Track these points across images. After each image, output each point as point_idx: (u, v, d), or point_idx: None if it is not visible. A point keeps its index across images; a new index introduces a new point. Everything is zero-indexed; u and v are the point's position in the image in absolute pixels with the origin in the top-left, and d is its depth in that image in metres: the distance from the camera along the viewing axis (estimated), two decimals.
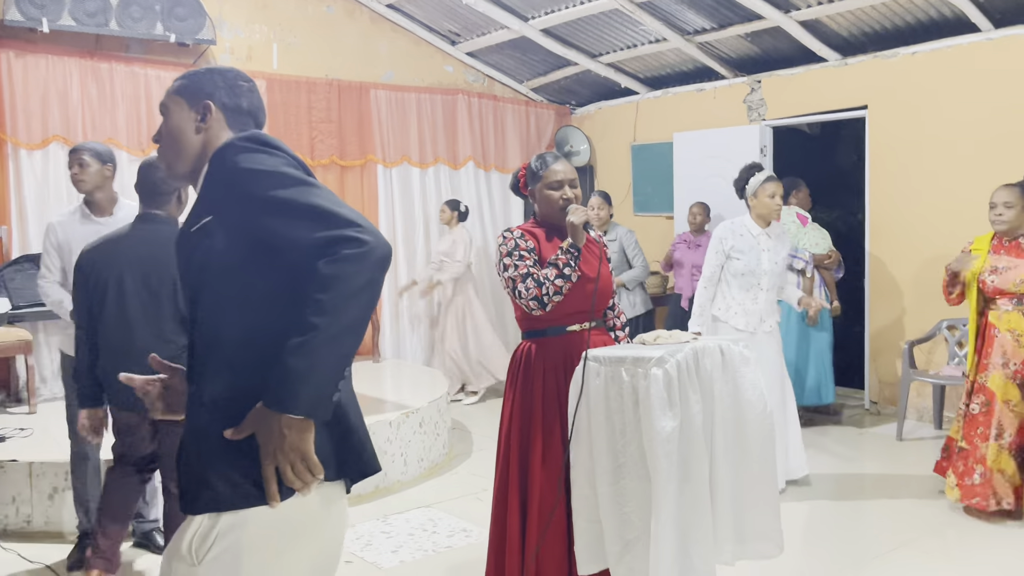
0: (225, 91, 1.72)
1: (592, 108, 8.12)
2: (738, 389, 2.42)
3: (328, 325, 1.39)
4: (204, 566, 1.49)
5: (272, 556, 1.50)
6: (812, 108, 6.39)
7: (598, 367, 2.42)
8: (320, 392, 1.44)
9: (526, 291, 2.63)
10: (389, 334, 7.14)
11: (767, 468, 2.46)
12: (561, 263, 2.62)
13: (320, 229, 1.43)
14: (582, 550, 2.48)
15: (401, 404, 5.08)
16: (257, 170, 1.52)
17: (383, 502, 4.47)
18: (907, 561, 3.58)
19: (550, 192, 2.75)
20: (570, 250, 2.63)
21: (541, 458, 2.66)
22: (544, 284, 2.61)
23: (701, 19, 6.28)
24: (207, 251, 1.56)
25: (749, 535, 2.45)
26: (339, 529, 1.64)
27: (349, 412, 1.62)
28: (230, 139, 1.62)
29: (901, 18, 5.69)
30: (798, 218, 5.77)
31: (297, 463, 1.44)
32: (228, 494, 1.48)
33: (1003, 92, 5.30)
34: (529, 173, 2.83)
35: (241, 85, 1.75)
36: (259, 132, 1.64)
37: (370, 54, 7.21)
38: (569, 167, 2.79)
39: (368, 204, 7.08)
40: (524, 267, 2.66)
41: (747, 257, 4.31)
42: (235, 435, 1.47)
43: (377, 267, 1.44)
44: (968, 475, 3.97)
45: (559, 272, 2.61)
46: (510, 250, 2.71)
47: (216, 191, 1.60)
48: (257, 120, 1.77)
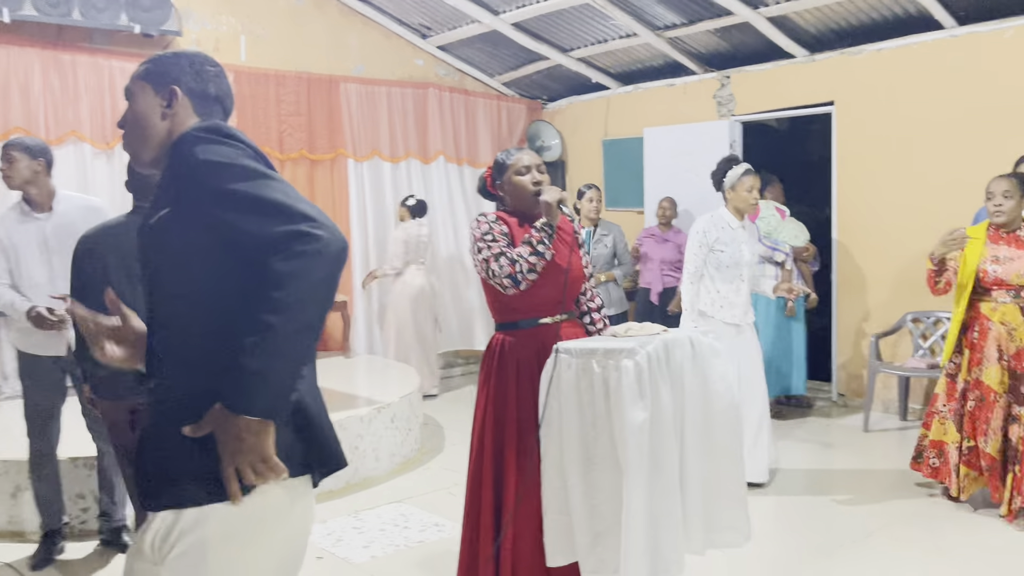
0: (192, 76, 1.68)
1: (563, 103, 8.13)
2: (707, 380, 2.44)
3: (284, 324, 1.36)
4: (167, 564, 1.46)
5: (236, 552, 1.47)
6: (780, 104, 6.45)
7: (569, 359, 2.42)
8: (278, 393, 1.42)
9: (499, 269, 2.61)
10: (361, 329, 7.10)
11: (734, 458, 2.49)
12: (535, 240, 2.61)
13: (275, 224, 1.40)
14: (551, 542, 2.48)
15: (372, 399, 5.05)
16: (215, 162, 1.48)
17: (354, 497, 4.45)
18: (876, 549, 3.63)
19: (519, 178, 2.74)
20: (544, 228, 2.62)
21: (515, 451, 2.65)
22: (517, 262, 2.60)
23: (671, 14, 6.31)
24: (165, 244, 1.53)
25: (717, 525, 2.47)
26: (305, 524, 1.62)
27: (312, 407, 1.59)
28: (188, 129, 1.58)
29: (867, 15, 5.76)
30: (777, 211, 5.85)
31: (257, 464, 1.42)
32: (189, 491, 1.45)
33: (967, 89, 5.38)
34: (495, 167, 2.83)
35: (208, 70, 1.71)
36: (219, 123, 1.60)
37: (340, 47, 7.15)
38: (534, 154, 2.80)
39: (338, 198, 7.03)
40: (497, 247, 2.65)
41: (730, 249, 4.30)
42: (193, 433, 1.44)
43: (332, 263, 1.41)
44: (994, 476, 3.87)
45: (533, 249, 2.60)
46: (483, 233, 2.70)
47: (174, 183, 1.55)
48: (225, 106, 1.73)
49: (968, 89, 5.38)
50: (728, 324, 4.28)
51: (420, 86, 7.46)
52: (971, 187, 5.17)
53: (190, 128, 1.58)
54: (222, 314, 1.48)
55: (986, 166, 4.72)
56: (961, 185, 5.19)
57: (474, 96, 7.83)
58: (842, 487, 4.48)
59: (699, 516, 2.43)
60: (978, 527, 3.83)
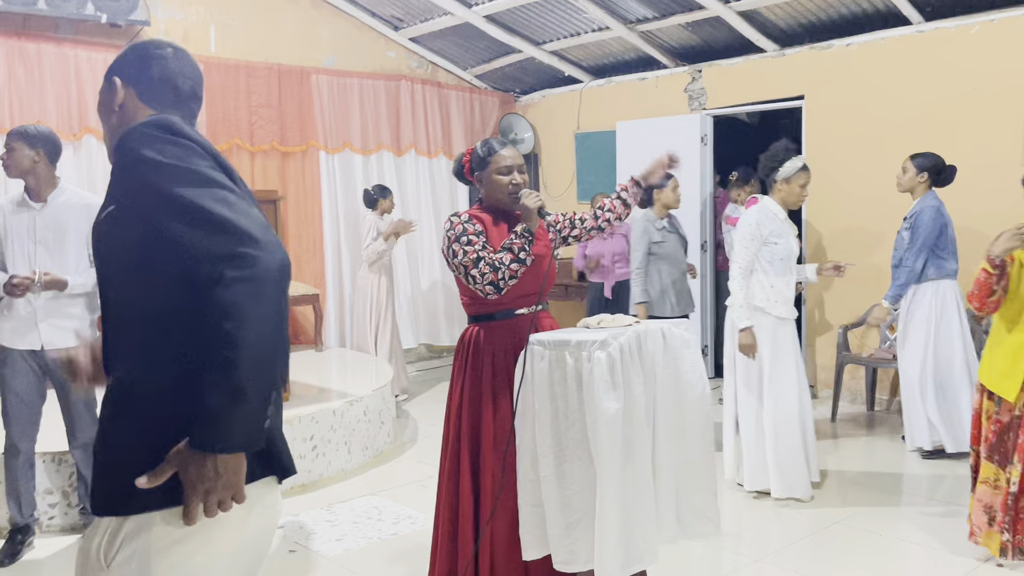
0: (134, 64, 1.63)
1: (536, 96, 8.14)
2: (679, 371, 2.47)
3: (242, 357, 1.32)
4: (113, 570, 1.43)
5: (183, 558, 1.44)
6: (751, 98, 6.50)
7: (543, 351, 2.43)
8: (252, 423, 1.37)
9: (480, 276, 2.61)
10: (333, 323, 7.07)
11: (705, 448, 2.52)
12: (516, 247, 2.62)
13: (214, 242, 1.35)
14: (527, 534, 2.50)
15: (345, 392, 5.04)
16: (160, 162, 1.42)
17: (327, 491, 4.43)
18: (844, 538, 3.70)
19: (499, 177, 2.74)
20: (524, 234, 2.64)
21: (492, 442, 2.66)
22: (500, 269, 2.60)
23: (643, 8, 6.33)
24: (111, 241, 1.49)
25: (688, 515, 2.50)
26: (263, 527, 1.57)
27: (273, 414, 1.56)
28: (136, 124, 1.51)
29: (836, 10, 5.83)
30: None
31: (227, 500, 1.38)
32: (134, 497, 1.40)
33: (933, 83, 5.47)
34: (475, 158, 2.81)
35: (153, 53, 1.64)
36: (169, 119, 1.52)
37: (311, 38, 7.09)
38: (516, 153, 2.79)
39: (310, 191, 6.98)
40: (474, 251, 2.65)
41: (783, 241, 4.05)
42: (151, 481, 1.37)
43: (273, 284, 1.36)
44: None
45: (514, 256, 2.61)
46: (458, 235, 2.69)
47: (119, 180, 1.50)
48: (178, 89, 1.65)
49: (935, 84, 5.46)
50: (782, 319, 4.04)
51: (392, 78, 7.43)
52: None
53: (138, 123, 1.52)
54: (169, 316, 1.43)
55: (953, 159, 4.80)
56: None
57: (447, 89, 7.81)
58: None
59: (672, 506, 2.46)
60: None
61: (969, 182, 5.21)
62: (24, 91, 5.59)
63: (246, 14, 6.71)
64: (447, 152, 7.78)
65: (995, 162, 5.20)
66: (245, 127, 6.59)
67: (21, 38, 5.58)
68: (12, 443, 3.54)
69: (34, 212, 3.50)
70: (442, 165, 7.76)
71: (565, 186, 7.87)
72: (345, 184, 7.15)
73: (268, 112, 6.69)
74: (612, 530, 2.28)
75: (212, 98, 6.37)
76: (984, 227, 5.21)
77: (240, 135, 6.54)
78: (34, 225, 3.49)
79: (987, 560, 3.29)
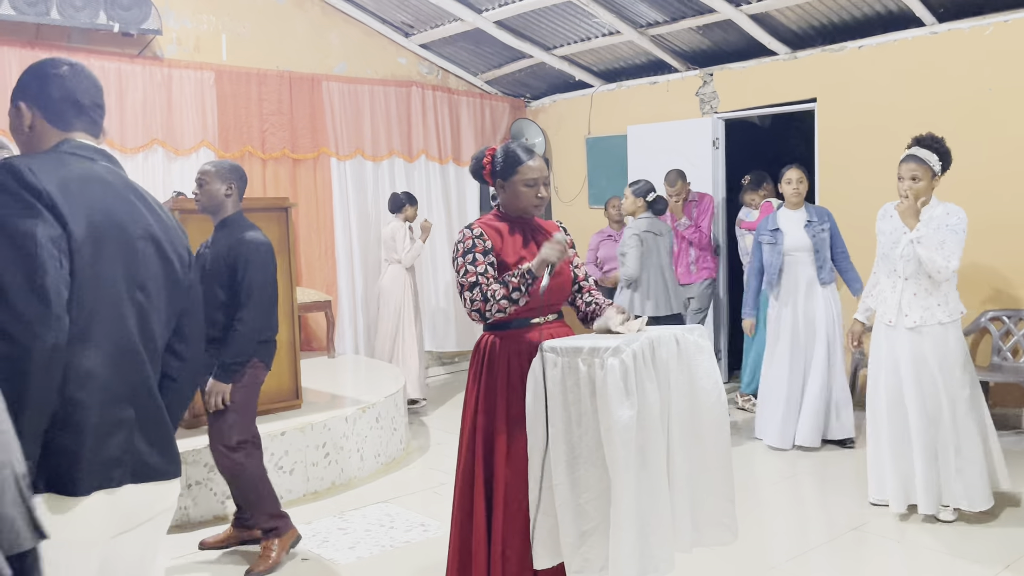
0: (34, 86, 1.66)
1: (547, 101, 8.13)
2: (693, 378, 2.44)
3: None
4: None
5: None
6: (763, 101, 6.47)
7: (555, 358, 2.41)
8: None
9: (470, 301, 2.61)
10: (346, 330, 7.07)
11: (722, 455, 2.49)
12: (511, 286, 2.58)
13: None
14: (539, 543, 2.48)
15: (357, 399, 5.03)
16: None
17: (340, 498, 4.43)
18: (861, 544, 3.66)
19: (526, 190, 2.71)
20: (526, 276, 2.58)
21: (506, 450, 2.64)
22: (489, 301, 2.58)
23: (654, 12, 6.31)
24: None
25: (704, 522, 2.47)
26: (65, 546, 1.55)
27: (85, 423, 1.58)
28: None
29: (848, 12, 5.80)
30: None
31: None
32: None
33: (947, 84, 5.43)
34: (499, 163, 2.75)
35: (50, 73, 1.68)
36: (9, 162, 1.55)
37: (322, 45, 7.11)
38: (543, 164, 2.75)
39: (321, 198, 6.99)
40: (474, 273, 2.63)
41: (885, 238, 3.93)
42: None
43: (27, 370, 1.39)
44: None
45: (507, 293, 2.57)
46: (466, 250, 2.67)
47: None
48: (79, 104, 1.71)
49: (949, 85, 5.42)
50: (888, 326, 3.85)
51: (403, 84, 7.43)
52: (952, 182, 5.21)
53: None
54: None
55: (969, 160, 4.76)
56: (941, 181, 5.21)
57: (457, 94, 7.81)
58: (821, 481, 4.50)
59: (687, 514, 2.43)
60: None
61: (984, 183, 5.16)
62: None
63: (257, 22, 6.74)
64: (457, 158, 7.78)
65: (1010, 163, 5.15)
66: (257, 135, 6.60)
67: (34, 47, 5.62)
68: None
69: None
70: (452, 171, 7.76)
71: (576, 191, 7.85)
72: (357, 191, 7.16)
73: (279, 119, 6.71)
74: (627, 538, 2.25)
75: (224, 106, 6.39)
76: (998, 227, 5.17)
77: (252, 143, 6.56)
78: None
79: None
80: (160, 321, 1.75)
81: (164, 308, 1.76)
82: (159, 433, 1.73)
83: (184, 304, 1.83)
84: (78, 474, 1.58)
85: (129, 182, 1.77)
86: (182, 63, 6.27)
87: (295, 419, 4.57)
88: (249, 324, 3.35)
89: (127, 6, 5.77)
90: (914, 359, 3.75)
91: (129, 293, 1.67)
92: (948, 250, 3.70)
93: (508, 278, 2.60)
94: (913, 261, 3.75)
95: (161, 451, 1.73)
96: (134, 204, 1.72)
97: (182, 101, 6.23)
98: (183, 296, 1.82)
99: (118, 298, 1.64)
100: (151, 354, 1.72)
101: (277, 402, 4.73)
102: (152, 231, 1.73)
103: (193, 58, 6.38)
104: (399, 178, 7.40)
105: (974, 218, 4.81)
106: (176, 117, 6.21)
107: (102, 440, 1.61)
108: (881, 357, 3.90)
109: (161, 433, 1.73)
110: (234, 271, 3.36)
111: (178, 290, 1.80)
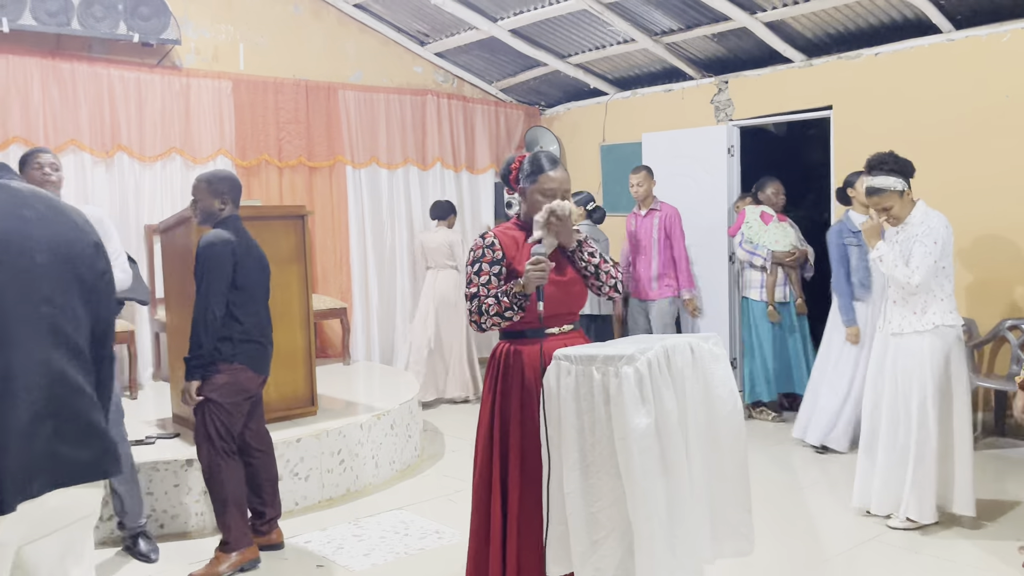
0: None
1: (561, 109, 8.14)
2: (709, 386, 2.44)
3: None
4: None
5: None
6: (778, 108, 6.46)
7: (569, 366, 2.41)
8: None
9: (468, 311, 2.70)
10: (360, 336, 7.10)
11: (739, 464, 2.48)
12: (504, 305, 2.62)
13: None
14: (552, 551, 2.47)
15: (372, 406, 5.05)
16: None
17: (355, 505, 4.44)
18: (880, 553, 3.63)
19: (543, 199, 2.72)
20: (517, 297, 2.61)
21: (520, 458, 2.65)
22: (483, 315, 2.65)
23: (669, 20, 6.32)
24: None
25: (723, 533, 2.46)
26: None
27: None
28: None
29: (864, 20, 5.78)
30: (761, 217, 5.88)
31: None
32: None
33: (965, 92, 5.39)
34: (524, 170, 2.79)
35: None
36: None
37: (338, 54, 7.16)
38: (565, 176, 2.76)
39: (337, 205, 7.03)
40: (476, 284, 2.69)
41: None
42: None
43: None
44: None
45: (500, 311, 2.62)
46: (474, 260, 2.73)
47: None
48: None
49: (966, 93, 5.39)
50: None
51: (418, 93, 7.47)
52: (970, 191, 5.18)
53: None
54: None
55: (985, 170, 4.73)
56: (959, 189, 5.19)
57: (472, 102, 7.84)
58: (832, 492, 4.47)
59: (707, 524, 2.42)
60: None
61: (1001, 191, 5.13)
62: (58, 110, 5.70)
63: (274, 32, 6.80)
64: (471, 166, 7.81)
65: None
66: (273, 143, 6.66)
67: (55, 58, 5.69)
68: None
69: None
70: (466, 179, 7.79)
71: None
72: (372, 199, 7.20)
73: (296, 128, 6.76)
74: (658, 548, 2.23)
75: (241, 115, 6.45)
76: (1016, 235, 5.13)
77: (268, 151, 6.61)
78: None
79: None
80: (78, 327, 1.79)
81: (81, 314, 1.80)
82: (83, 435, 1.76)
83: (98, 308, 1.86)
84: (3, 495, 1.62)
85: (23, 195, 1.80)
86: (200, 72, 6.34)
87: (311, 426, 4.59)
88: (194, 318, 3.46)
89: (147, 16, 5.84)
90: (893, 364, 3.86)
91: (35, 307, 1.71)
92: (913, 263, 3.72)
93: (500, 294, 2.63)
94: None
95: (86, 452, 1.76)
96: (25, 220, 1.75)
97: (200, 110, 6.29)
98: (97, 300, 1.85)
99: (23, 316, 1.68)
100: (73, 360, 1.75)
101: (293, 408, 4.76)
102: (53, 242, 1.77)
103: (211, 67, 6.45)
104: (414, 186, 7.43)
105: (992, 226, 4.80)
106: (194, 126, 6.27)
107: (20, 454, 1.64)
108: (876, 362, 4.01)
109: (86, 435, 1.76)
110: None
111: (93, 295, 1.84)
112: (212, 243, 3.49)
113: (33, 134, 5.57)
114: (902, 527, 3.83)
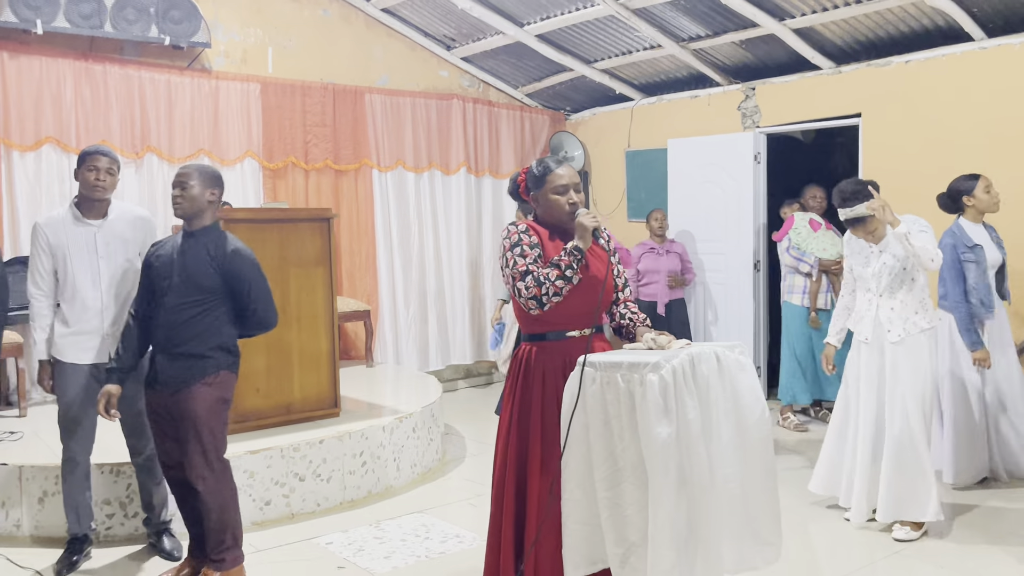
0: None
1: (587, 114, 8.13)
2: (736, 394, 2.42)
3: None
4: None
5: None
6: (806, 115, 6.41)
7: (594, 373, 2.41)
8: None
9: (525, 289, 2.60)
10: (389, 338, 7.12)
11: (767, 472, 2.46)
12: (563, 264, 2.59)
13: None
14: (570, 552, 2.46)
15: (395, 409, 5.06)
16: None
17: (376, 507, 4.45)
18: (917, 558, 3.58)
19: (556, 197, 2.73)
20: (574, 251, 2.60)
21: (540, 463, 2.64)
22: (544, 284, 2.58)
23: (696, 26, 6.30)
24: None
25: (749, 542, 2.43)
26: None
27: None
28: None
29: (895, 27, 5.72)
30: (810, 224, 5.87)
31: None
32: None
33: (995, 100, 5.32)
34: (531, 178, 2.80)
35: None
36: None
37: (365, 58, 7.20)
38: (572, 171, 2.77)
39: (363, 208, 7.07)
40: (524, 264, 2.64)
41: (855, 259, 4.09)
42: None
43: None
44: None
45: (560, 273, 2.59)
46: (513, 244, 2.69)
47: None
48: None
49: (997, 101, 5.32)
50: (862, 342, 3.97)
51: (444, 97, 7.50)
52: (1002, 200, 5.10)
53: None
54: None
55: (1015, 178, 4.66)
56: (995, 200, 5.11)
57: (497, 107, 7.86)
58: None
59: (733, 535, 2.40)
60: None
61: None
62: (90, 111, 5.78)
63: (302, 36, 6.85)
64: (496, 171, 7.81)
65: None
66: (300, 146, 6.71)
67: (88, 59, 5.77)
68: (71, 456, 3.62)
69: (93, 228, 3.61)
70: (489, 184, 7.79)
71: (615, 204, 7.84)
72: (398, 202, 7.23)
73: (323, 131, 6.81)
74: (666, 556, 2.23)
75: (269, 117, 6.51)
76: None
77: (295, 153, 6.66)
78: (94, 240, 3.61)
79: None
80: None
81: None
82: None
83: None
84: None
85: None
86: (229, 75, 6.40)
87: (333, 427, 4.61)
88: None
89: (178, 20, 5.91)
90: (893, 371, 3.85)
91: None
92: (929, 252, 3.78)
93: (556, 260, 2.61)
94: (886, 276, 3.89)
95: None
96: None
97: (228, 112, 6.35)
98: None
99: None
100: None
101: (316, 410, 4.78)
102: None
103: (240, 70, 6.51)
104: (438, 190, 7.45)
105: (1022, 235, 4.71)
106: (222, 128, 6.33)
107: None
108: (858, 375, 4.01)
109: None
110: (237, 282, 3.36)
111: None
112: (252, 256, 3.46)
113: (65, 134, 5.65)
114: (907, 538, 3.80)
